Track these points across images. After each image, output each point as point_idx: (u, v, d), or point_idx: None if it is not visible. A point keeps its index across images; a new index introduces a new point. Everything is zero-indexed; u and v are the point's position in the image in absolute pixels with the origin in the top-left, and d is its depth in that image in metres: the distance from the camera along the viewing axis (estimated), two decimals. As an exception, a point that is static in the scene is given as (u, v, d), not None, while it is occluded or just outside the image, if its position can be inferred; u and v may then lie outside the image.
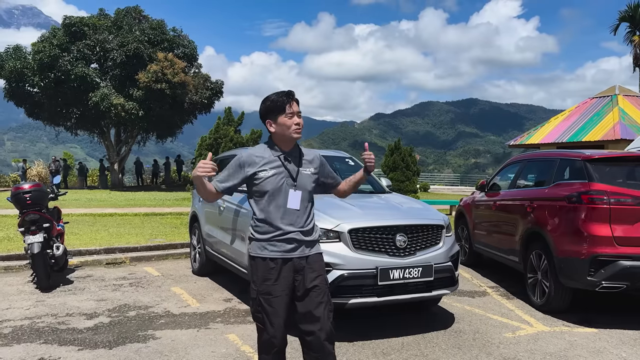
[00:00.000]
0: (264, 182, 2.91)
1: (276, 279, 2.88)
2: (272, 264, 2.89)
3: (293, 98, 2.97)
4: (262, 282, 2.89)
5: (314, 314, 2.88)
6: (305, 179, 2.99)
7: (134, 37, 25.05)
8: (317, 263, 2.99)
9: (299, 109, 2.98)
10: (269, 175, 2.91)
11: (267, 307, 2.87)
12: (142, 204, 16.83)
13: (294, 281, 2.91)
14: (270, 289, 2.87)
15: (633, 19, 32.77)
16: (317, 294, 2.91)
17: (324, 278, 2.99)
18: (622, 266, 4.72)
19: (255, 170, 2.92)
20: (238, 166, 2.95)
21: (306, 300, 2.90)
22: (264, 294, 2.88)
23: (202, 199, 3.05)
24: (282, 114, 2.93)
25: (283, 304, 2.88)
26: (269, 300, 2.87)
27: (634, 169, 5.47)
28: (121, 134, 28.74)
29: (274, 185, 2.91)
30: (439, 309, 5.49)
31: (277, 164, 2.95)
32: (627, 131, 17.50)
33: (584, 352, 4.27)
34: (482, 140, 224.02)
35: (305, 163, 3.04)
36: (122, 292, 6.06)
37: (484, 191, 7.52)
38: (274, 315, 2.87)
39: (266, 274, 2.89)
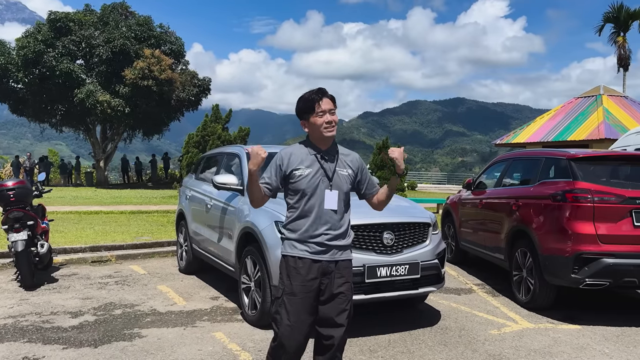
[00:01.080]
0: (299, 180, 2.87)
1: (303, 280, 2.84)
2: (300, 263, 2.85)
3: (324, 95, 2.89)
4: (288, 281, 2.86)
5: (335, 320, 2.85)
6: (342, 180, 2.93)
7: (120, 33, 24.79)
8: (346, 269, 2.94)
9: (332, 106, 2.90)
10: (305, 174, 2.87)
11: (288, 307, 2.83)
12: (128, 201, 16.68)
13: (320, 284, 2.86)
14: (295, 289, 2.83)
15: (617, 20, 33.21)
16: (342, 301, 2.88)
17: (350, 285, 2.93)
18: (605, 264, 4.79)
19: (292, 169, 2.89)
20: (278, 166, 2.93)
21: (330, 305, 2.86)
22: (289, 294, 2.84)
23: (251, 205, 3.00)
24: (312, 113, 2.88)
25: (305, 305, 2.83)
26: (292, 301, 2.83)
27: (618, 167, 5.56)
28: (107, 131, 28.44)
29: (309, 185, 2.87)
30: (425, 306, 5.53)
31: (314, 163, 2.91)
32: (611, 131, 17.72)
33: (568, 349, 4.32)
34: (469, 139, 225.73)
35: (343, 164, 2.98)
36: (108, 290, 6.01)
37: (470, 189, 7.57)
38: (294, 316, 2.81)
39: (294, 274, 2.85)
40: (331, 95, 2.92)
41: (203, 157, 7.49)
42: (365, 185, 3.07)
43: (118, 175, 33.92)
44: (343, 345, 2.91)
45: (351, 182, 2.98)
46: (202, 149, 17.53)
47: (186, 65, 28.44)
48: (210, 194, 6.03)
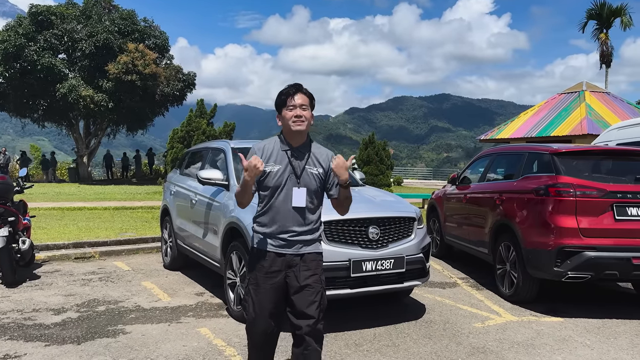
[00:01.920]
0: (267, 177, 2.91)
1: (266, 272, 2.91)
2: (264, 255, 2.93)
3: (299, 91, 2.93)
4: (253, 272, 2.96)
5: (304, 312, 2.89)
6: (310, 178, 2.94)
7: (103, 27, 24.46)
8: (314, 262, 2.96)
9: (305, 102, 2.92)
10: (274, 171, 2.91)
11: (253, 296, 2.95)
12: (112, 197, 16.52)
13: (286, 277, 2.91)
14: (259, 280, 2.93)
15: (600, 17, 33.61)
16: (310, 293, 2.90)
17: (319, 278, 2.96)
18: (587, 257, 4.86)
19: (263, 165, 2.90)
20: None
21: (299, 297, 2.90)
22: (253, 284, 2.95)
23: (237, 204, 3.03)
24: (284, 106, 2.93)
25: (269, 296, 2.91)
26: (256, 291, 2.93)
27: (600, 162, 5.64)
28: (90, 126, 28.09)
29: (276, 182, 2.91)
30: (410, 300, 5.56)
31: (283, 160, 2.93)
32: (594, 126, 17.97)
33: (550, 341, 4.38)
34: (454, 134, 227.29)
35: (314, 162, 2.98)
36: (91, 286, 5.95)
37: (455, 184, 7.62)
38: (258, 305, 2.92)
39: (258, 266, 2.94)
40: (307, 92, 2.96)
41: (188, 153, 7.43)
42: (331, 185, 3.04)
43: (102, 171, 33.54)
44: (317, 336, 2.92)
45: (321, 180, 2.99)
46: (187, 145, 17.41)
47: (170, 59, 28.17)
48: (195, 189, 5.98)
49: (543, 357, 4.03)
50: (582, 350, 4.17)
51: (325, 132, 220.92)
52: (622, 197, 4.97)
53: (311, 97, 2.97)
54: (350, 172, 6.40)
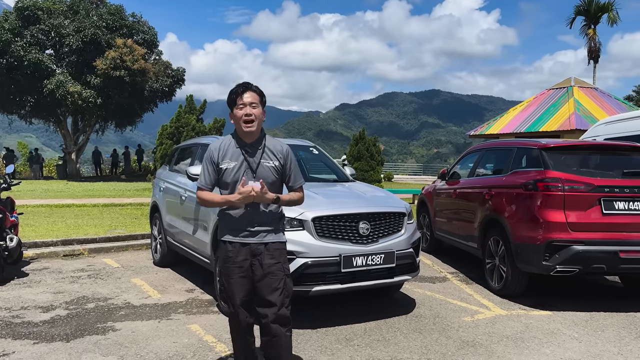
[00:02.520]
0: (225, 173, 3.05)
1: (233, 261, 3.05)
2: (230, 247, 3.07)
3: (247, 89, 3.04)
4: (223, 264, 3.10)
5: (268, 299, 3.02)
6: (266, 171, 3.08)
7: (91, 23, 24.17)
8: (277, 251, 3.10)
9: (255, 99, 3.03)
10: (230, 167, 3.04)
11: (226, 286, 3.09)
12: (101, 194, 16.40)
13: (252, 265, 3.05)
14: (229, 270, 3.06)
15: (588, 13, 33.86)
16: (273, 281, 3.03)
17: (281, 265, 3.09)
18: (575, 251, 4.90)
19: (219, 163, 3.07)
20: (210, 160, 3.10)
21: (262, 285, 3.04)
22: (224, 275, 3.09)
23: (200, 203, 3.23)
24: (234, 105, 3.06)
25: (239, 285, 3.04)
26: (228, 281, 3.08)
27: (587, 157, 5.68)
28: (78, 122, 27.78)
29: (234, 178, 3.04)
30: (400, 294, 5.59)
31: (238, 156, 3.06)
32: (582, 121, 18.11)
33: (539, 334, 4.43)
34: (444, 130, 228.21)
35: (269, 155, 3.10)
36: (80, 284, 5.91)
37: (444, 180, 7.65)
38: (231, 295, 3.07)
39: (226, 257, 3.08)
40: (256, 90, 3.07)
41: (177, 149, 7.39)
42: (288, 177, 3.19)
43: (91, 168, 33.26)
44: (283, 321, 3.03)
45: (278, 172, 3.13)
46: (176, 141, 17.33)
47: (159, 55, 27.94)
48: (185, 185, 5.96)
49: (532, 350, 4.06)
50: (570, 343, 4.22)
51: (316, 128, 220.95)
52: (610, 191, 5.02)
53: (261, 94, 3.10)
54: (341, 167, 6.42)
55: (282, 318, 3.03)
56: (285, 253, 3.17)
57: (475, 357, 3.89)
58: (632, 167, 5.32)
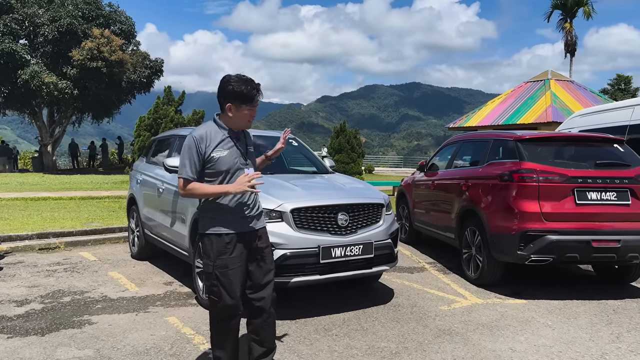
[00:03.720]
0: (218, 162, 2.99)
1: (231, 252, 3.02)
2: (227, 239, 3.02)
3: (259, 92, 3.03)
4: (217, 257, 3.02)
5: (263, 282, 3.10)
6: (252, 156, 3.18)
7: (66, 12, 23.65)
8: (265, 235, 3.21)
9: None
10: (224, 155, 2.99)
11: (223, 279, 3.01)
12: (78, 187, 16.14)
13: (247, 254, 3.08)
14: (227, 262, 3.02)
15: (565, 7, 34.34)
16: (265, 263, 3.13)
17: (270, 249, 3.22)
18: (549, 240, 5.00)
19: (210, 152, 2.99)
20: (196, 150, 2.99)
21: (257, 270, 3.10)
22: (221, 268, 3.02)
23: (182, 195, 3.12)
24: (248, 105, 3.01)
25: (239, 275, 3.05)
26: (226, 273, 3.01)
27: (562, 148, 5.78)
28: (54, 114, 27.25)
29: (229, 165, 3.00)
30: (379, 284, 5.63)
31: (229, 144, 3.04)
32: (558, 114, 18.40)
33: (514, 322, 4.51)
34: (425, 123, 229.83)
35: (249, 141, 3.20)
36: (56, 277, 5.83)
37: (423, 171, 7.72)
38: (230, 285, 3.02)
39: (222, 249, 3.02)
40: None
41: (154, 140, 7.30)
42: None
43: (67, 161, 32.69)
44: (274, 302, 3.19)
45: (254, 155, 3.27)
46: (154, 132, 17.13)
47: (137, 46, 27.51)
48: (163, 177, 5.90)
49: (506, 337, 4.14)
50: (544, 331, 4.31)
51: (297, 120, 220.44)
52: (583, 182, 5.12)
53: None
54: (321, 159, 6.43)
55: (274, 301, 3.18)
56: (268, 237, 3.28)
57: (452, 345, 3.96)
58: (605, 158, 5.44)
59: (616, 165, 5.36)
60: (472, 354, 3.79)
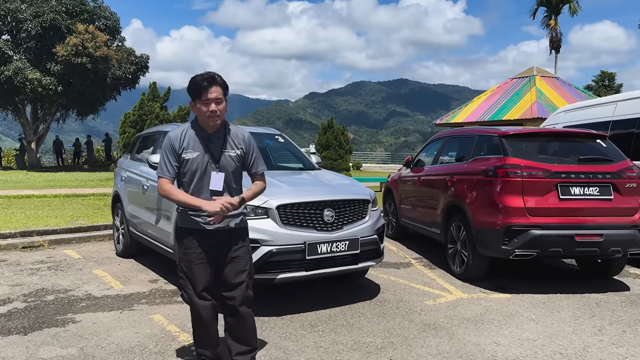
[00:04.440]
0: (189, 162, 3.00)
1: (197, 248, 3.04)
2: (194, 233, 3.05)
3: (213, 84, 2.92)
4: (184, 250, 3.08)
5: (234, 282, 3.07)
6: (229, 161, 3.05)
7: (50, 7, 23.34)
8: (241, 235, 3.14)
9: (220, 94, 2.95)
10: (193, 157, 2.99)
11: (188, 272, 3.06)
12: (62, 185, 15.96)
13: (218, 251, 3.06)
14: (192, 257, 3.04)
15: (550, 4, 34.64)
16: (239, 264, 3.09)
17: (246, 249, 3.15)
18: (533, 235, 5.05)
19: (181, 152, 3.01)
20: (170, 149, 3.01)
21: (228, 269, 3.07)
22: (186, 261, 3.07)
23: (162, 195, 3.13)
24: (198, 99, 2.96)
25: (202, 271, 3.04)
26: (190, 267, 3.05)
27: (546, 144, 5.84)
28: (38, 110, 26.89)
29: (196, 168, 3.00)
30: (366, 280, 5.65)
31: (200, 146, 3.01)
32: (543, 110, 18.58)
33: (498, 316, 4.55)
34: (412, 119, 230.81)
35: (232, 144, 3.07)
36: (40, 276, 5.76)
37: (409, 167, 7.75)
38: (194, 280, 3.05)
39: (188, 243, 3.06)
40: (222, 83, 2.98)
41: (139, 137, 7.24)
42: (250, 164, 3.18)
43: (52, 158, 32.31)
44: (248, 302, 3.13)
45: (240, 161, 3.11)
46: (139, 129, 16.98)
47: (122, 41, 27.23)
48: (147, 174, 5.85)
49: (491, 331, 4.18)
50: (528, 325, 4.35)
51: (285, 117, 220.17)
52: (566, 177, 5.17)
53: (225, 87, 3.01)
54: (307, 155, 6.42)
55: (247, 299, 3.12)
56: (248, 236, 3.23)
57: (437, 340, 3.98)
58: (588, 153, 5.50)
59: (599, 160, 5.42)
60: (456, 348, 3.82)
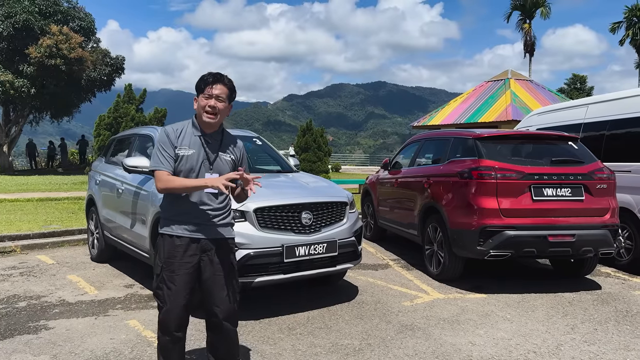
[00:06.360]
0: (182, 160, 2.90)
1: (181, 257, 2.90)
2: (178, 241, 2.90)
3: (219, 81, 2.92)
4: (166, 259, 2.90)
5: (219, 296, 2.95)
6: (223, 164, 2.98)
7: (22, 8, 22.84)
8: (227, 246, 3.02)
9: (222, 92, 2.92)
10: (187, 155, 2.91)
11: (169, 283, 2.88)
12: (35, 188, 15.61)
13: (200, 261, 2.93)
14: (174, 266, 2.89)
15: (524, 8, 35.30)
16: (223, 277, 2.96)
17: (231, 262, 3.02)
18: (507, 236, 5.13)
19: (177, 148, 2.92)
20: (168, 143, 2.91)
21: (212, 282, 2.94)
22: (168, 271, 2.89)
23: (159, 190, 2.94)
24: (201, 92, 2.93)
25: (184, 281, 2.90)
26: (172, 277, 2.88)
27: (520, 146, 5.94)
28: (10, 113, 26.29)
29: (190, 167, 2.90)
30: (344, 282, 5.67)
31: (197, 145, 2.94)
32: (518, 112, 18.90)
33: (474, 316, 4.61)
34: (390, 121, 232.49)
35: (226, 149, 3.02)
36: (11, 282, 5.63)
37: (387, 169, 7.80)
38: (175, 291, 2.87)
39: (172, 251, 2.90)
40: (228, 83, 2.96)
41: (114, 139, 7.14)
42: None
43: (25, 161, 31.61)
44: (232, 317, 3.01)
45: (232, 167, 3.03)
46: (115, 132, 16.75)
47: (97, 43, 26.81)
48: (123, 178, 5.77)
49: (467, 331, 4.23)
50: (503, 324, 4.42)
51: (264, 118, 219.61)
52: (539, 178, 5.27)
53: (232, 89, 2.98)
54: (285, 158, 6.41)
55: (232, 315, 3.00)
56: (234, 249, 3.11)
57: (413, 340, 4.02)
58: (560, 155, 5.62)
59: (571, 162, 5.54)
60: (433, 349, 3.86)
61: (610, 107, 6.86)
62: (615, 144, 6.58)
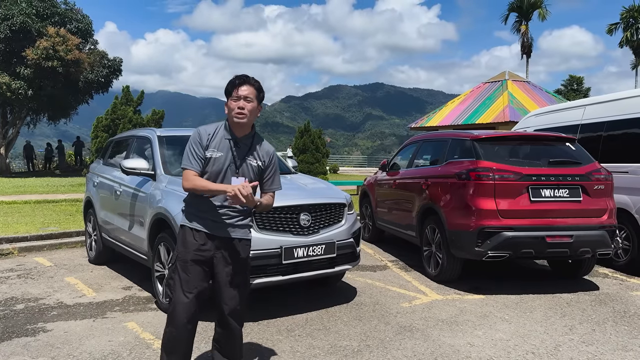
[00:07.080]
0: (209, 163, 2.95)
1: (196, 249, 2.96)
2: (196, 234, 2.97)
3: (245, 82, 2.96)
4: (182, 249, 2.98)
5: (230, 293, 3.01)
6: (249, 169, 3.02)
7: (19, 10, 22.81)
8: (243, 247, 3.08)
9: (250, 93, 2.95)
10: (215, 157, 2.95)
11: (181, 273, 2.96)
12: (33, 190, 15.58)
13: (213, 257, 2.99)
14: (189, 256, 2.96)
15: (521, 10, 35.38)
16: (236, 275, 3.02)
17: (245, 262, 3.08)
18: (505, 237, 5.14)
19: (206, 150, 2.96)
20: (198, 144, 2.96)
21: (225, 279, 3.01)
22: (181, 261, 2.97)
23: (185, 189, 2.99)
24: (230, 96, 2.98)
25: (198, 273, 2.95)
26: (186, 267, 2.95)
27: (517, 147, 5.95)
28: (7, 115, 26.24)
29: (218, 168, 2.95)
30: (342, 283, 5.67)
31: (226, 148, 2.98)
32: (515, 114, 18.93)
33: (472, 317, 4.62)
34: (388, 123, 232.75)
35: (255, 155, 3.05)
36: (9, 284, 5.62)
37: (385, 171, 7.81)
38: (187, 281, 2.94)
39: (188, 242, 2.98)
40: (255, 84, 2.99)
41: (112, 141, 7.13)
42: (267, 181, 3.12)
43: (22, 163, 31.54)
44: (239, 315, 3.08)
45: (258, 172, 3.07)
46: (112, 133, 16.72)
47: (95, 45, 26.79)
48: (121, 180, 5.76)
49: (465, 332, 4.24)
50: (501, 325, 4.43)
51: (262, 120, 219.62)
52: (537, 179, 5.29)
53: (259, 89, 3.01)
54: (283, 160, 6.42)
55: (238, 313, 3.06)
56: (249, 250, 3.13)
57: (412, 342, 4.02)
58: (557, 156, 5.63)
59: (568, 163, 5.55)
60: (431, 350, 3.86)
61: (608, 109, 6.88)
62: (613, 145, 6.61)
